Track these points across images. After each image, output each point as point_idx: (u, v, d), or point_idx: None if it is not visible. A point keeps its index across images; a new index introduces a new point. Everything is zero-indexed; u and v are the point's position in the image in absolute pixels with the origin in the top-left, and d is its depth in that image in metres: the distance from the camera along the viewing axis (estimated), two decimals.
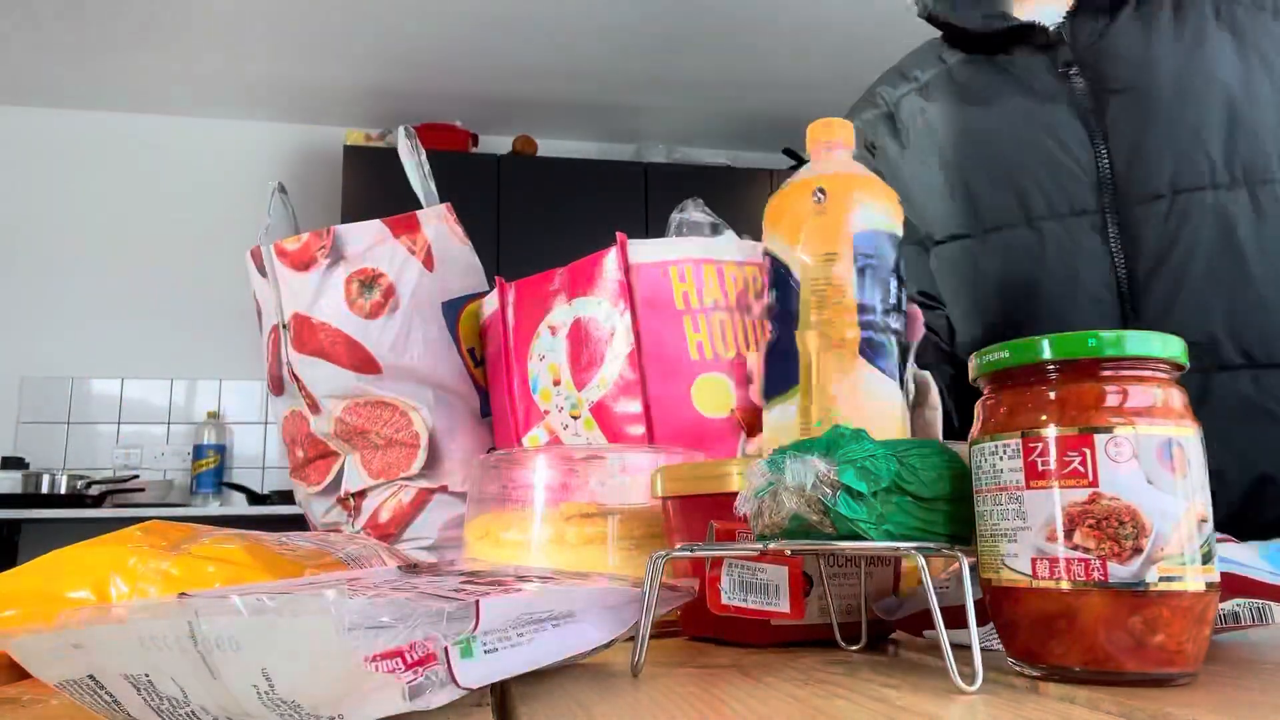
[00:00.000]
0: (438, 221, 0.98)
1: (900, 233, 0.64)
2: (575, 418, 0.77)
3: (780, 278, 0.62)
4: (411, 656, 0.32)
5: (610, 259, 0.77)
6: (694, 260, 0.76)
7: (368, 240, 0.93)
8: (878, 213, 0.62)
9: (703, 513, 0.56)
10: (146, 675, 0.31)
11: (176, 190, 3.89)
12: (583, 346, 0.78)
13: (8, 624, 0.43)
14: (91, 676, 0.32)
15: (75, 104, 3.81)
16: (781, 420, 0.62)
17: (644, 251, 0.77)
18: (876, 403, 0.60)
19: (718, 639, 0.58)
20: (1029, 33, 0.96)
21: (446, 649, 0.33)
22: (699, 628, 0.59)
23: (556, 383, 0.79)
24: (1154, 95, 0.89)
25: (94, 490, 3.23)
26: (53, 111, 3.84)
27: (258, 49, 3.44)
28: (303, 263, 0.92)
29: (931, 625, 0.41)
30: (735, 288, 0.76)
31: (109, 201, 3.83)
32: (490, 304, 0.88)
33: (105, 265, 3.78)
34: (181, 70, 3.57)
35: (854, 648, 0.55)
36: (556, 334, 0.79)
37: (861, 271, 0.61)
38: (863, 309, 0.61)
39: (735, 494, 0.53)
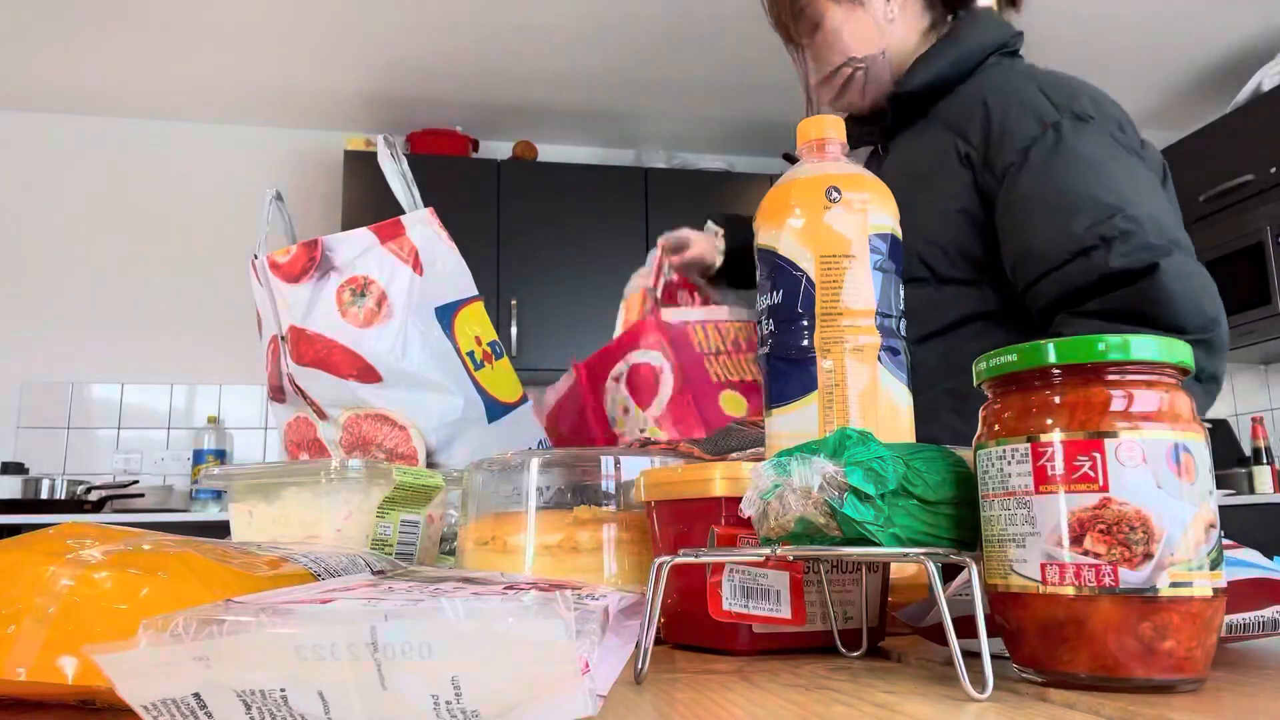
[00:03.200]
0: (423, 226, 0.98)
1: (901, 236, 0.63)
2: (642, 430, 1.09)
3: (789, 278, 0.60)
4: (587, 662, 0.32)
5: (652, 322, 1.13)
6: (702, 321, 1.14)
7: (356, 249, 0.93)
8: (888, 215, 0.61)
9: (686, 517, 0.56)
10: (281, 689, 0.29)
11: (177, 195, 3.89)
12: (641, 382, 1.11)
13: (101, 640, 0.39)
14: (197, 694, 0.30)
15: (75, 109, 3.81)
16: (794, 427, 0.60)
17: (672, 316, 1.15)
18: (894, 409, 0.59)
19: (701, 647, 0.57)
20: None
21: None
22: (682, 636, 0.58)
23: (625, 411, 1.12)
24: None
25: (93, 496, 3.21)
26: (53, 116, 3.84)
27: (258, 54, 3.44)
28: (294, 275, 0.92)
29: (970, 634, 0.40)
30: (729, 337, 1.14)
31: (109, 206, 3.83)
32: (565, 381, 1.20)
33: (105, 270, 3.77)
34: (181, 75, 3.58)
35: (854, 654, 0.54)
36: (619, 381, 1.13)
37: (878, 273, 0.60)
38: (880, 314, 0.59)
39: (718, 499, 0.53)
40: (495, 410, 0.98)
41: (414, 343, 0.92)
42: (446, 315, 0.96)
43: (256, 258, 0.94)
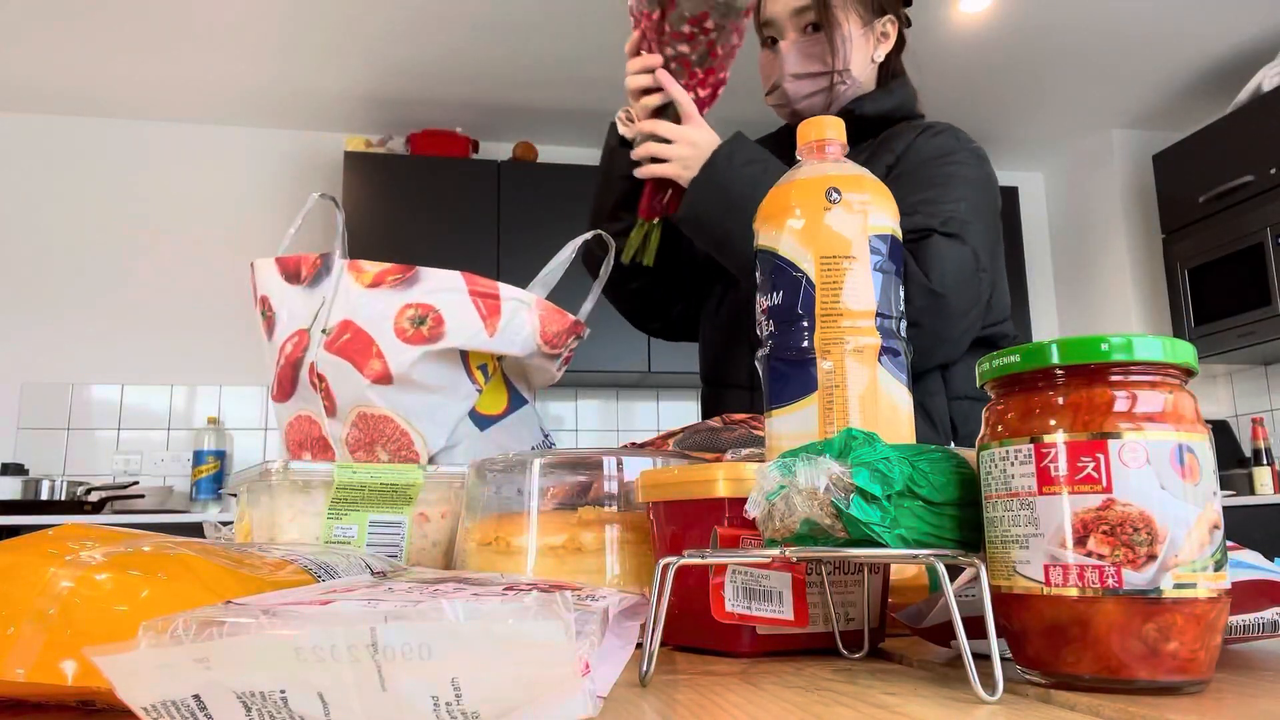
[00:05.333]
0: (521, 306, 0.96)
1: (901, 237, 0.63)
2: None
3: (789, 279, 0.60)
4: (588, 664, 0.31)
5: None
6: None
7: (441, 284, 0.93)
8: (888, 216, 0.61)
9: (687, 518, 0.56)
10: (281, 691, 0.29)
11: (177, 196, 3.89)
12: None
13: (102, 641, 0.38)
14: (197, 696, 0.30)
15: (75, 110, 3.81)
16: (794, 429, 0.60)
17: None
18: (895, 410, 0.59)
19: (701, 649, 0.57)
20: None
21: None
22: (682, 638, 0.58)
23: None
24: None
25: (93, 496, 3.21)
26: (53, 118, 3.84)
27: (258, 55, 3.45)
28: (376, 282, 0.92)
29: (972, 635, 0.40)
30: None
31: (109, 207, 3.83)
32: None
33: (105, 271, 3.78)
34: (181, 76, 3.58)
35: (855, 655, 0.54)
36: None
37: (878, 273, 0.60)
38: (880, 315, 0.59)
39: (720, 500, 0.53)
40: (482, 422, 0.98)
41: (433, 362, 0.92)
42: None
43: (325, 256, 0.95)
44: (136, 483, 3.41)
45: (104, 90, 3.67)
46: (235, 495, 0.81)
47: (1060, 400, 0.41)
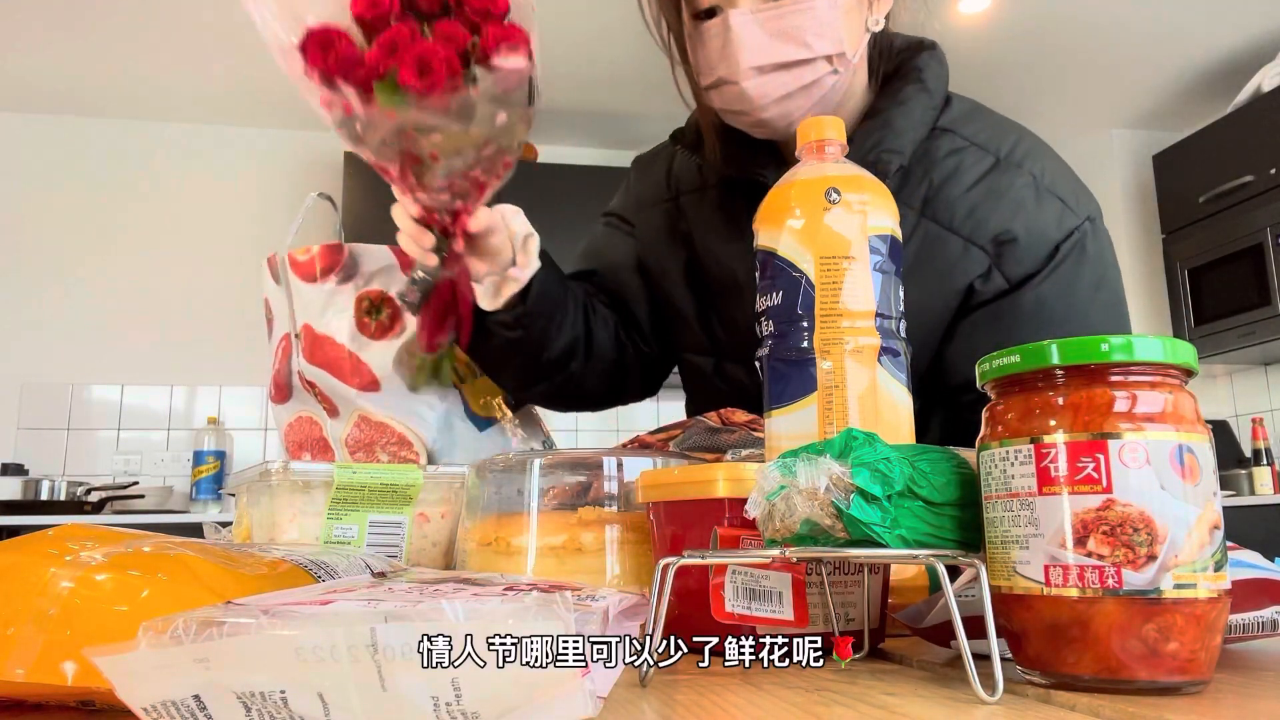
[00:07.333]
0: None
1: (900, 237, 0.63)
2: None
3: (789, 279, 0.60)
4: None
5: None
6: None
7: (378, 263, 0.92)
8: (887, 217, 0.61)
9: (686, 518, 0.56)
10: (281, 691, 0.29)
11: (177, 196, 3.88)
12: None
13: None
14: (197, 696, 0.30)
15: (76, 110, 3.80)
16: (794, 429, 0.60)
17: None
18: (894, 410, 0.59)
19: (702, 649, 0.57)
20: None
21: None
22: (682, 637, 0.58)
23: None
24: None
25: (93, 497, 3.21)
26: (53, 118, 3.84)
27: (259, 56, 3.44)
28: (311, 274, 0.91)
29: (972, 635, 0.40)
30: None
31: (110, 207, 3.82)
32: None
33: (105, 271, 3.77)
34: (181, 77, 3.57)
35: (855, 655, 0.54)
36: None
37: (878, 274, 0.59)
38: (880, 315, 0.59)
39: (720, 500, 0.53)
40: (481, 421, 0.98)
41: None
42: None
43: (276, 254, 0.94)
44: (136, 483, 3.41)
45: (104, 90, 3.66)
46: (235, 495, 0.81)
47: (1060, 400, 0.41)
